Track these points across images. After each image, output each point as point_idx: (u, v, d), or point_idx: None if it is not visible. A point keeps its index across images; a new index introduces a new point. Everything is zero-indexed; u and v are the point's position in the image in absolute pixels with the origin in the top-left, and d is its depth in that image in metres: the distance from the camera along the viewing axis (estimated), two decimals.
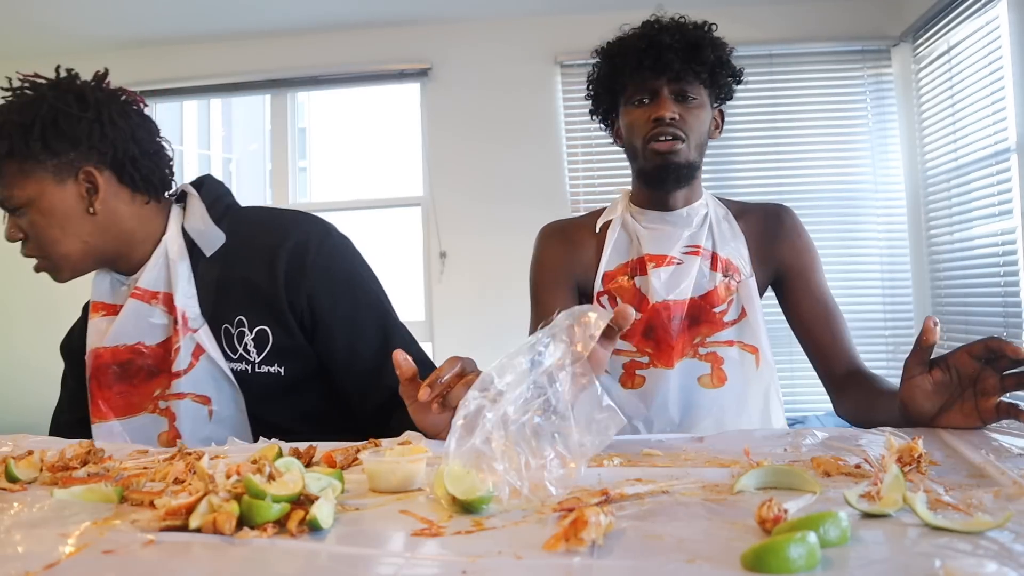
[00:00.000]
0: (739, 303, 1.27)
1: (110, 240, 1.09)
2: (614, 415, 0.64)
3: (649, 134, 1.22)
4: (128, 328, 1.10)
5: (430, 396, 0.82)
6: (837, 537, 0.47)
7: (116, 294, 1.13)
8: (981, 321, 3.01)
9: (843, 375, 1.23)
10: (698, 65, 1.20)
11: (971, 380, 0.85)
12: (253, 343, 1.09)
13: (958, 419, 0.86)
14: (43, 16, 3.45)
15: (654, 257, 1.27)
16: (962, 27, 3.01)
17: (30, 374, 3.79)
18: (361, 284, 1.15)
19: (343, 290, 1.12)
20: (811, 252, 1.32)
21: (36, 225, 1.05)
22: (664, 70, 1.20)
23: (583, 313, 0.67)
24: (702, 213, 1.30)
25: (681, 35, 1.21)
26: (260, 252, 1.10)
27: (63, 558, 0.49)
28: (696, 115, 1.23)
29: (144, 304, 1.09)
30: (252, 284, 1.09)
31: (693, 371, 1.25)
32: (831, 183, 3.59)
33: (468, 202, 3.68)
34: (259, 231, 1.13)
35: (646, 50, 1.21)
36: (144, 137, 1.11)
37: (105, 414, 1.09)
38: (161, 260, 1.10)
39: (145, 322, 1.10)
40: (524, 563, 0.46)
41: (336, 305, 1.11)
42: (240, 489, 0.54)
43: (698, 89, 1.23)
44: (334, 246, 1.13)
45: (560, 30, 3.63)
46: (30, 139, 1.02)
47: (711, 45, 1.22)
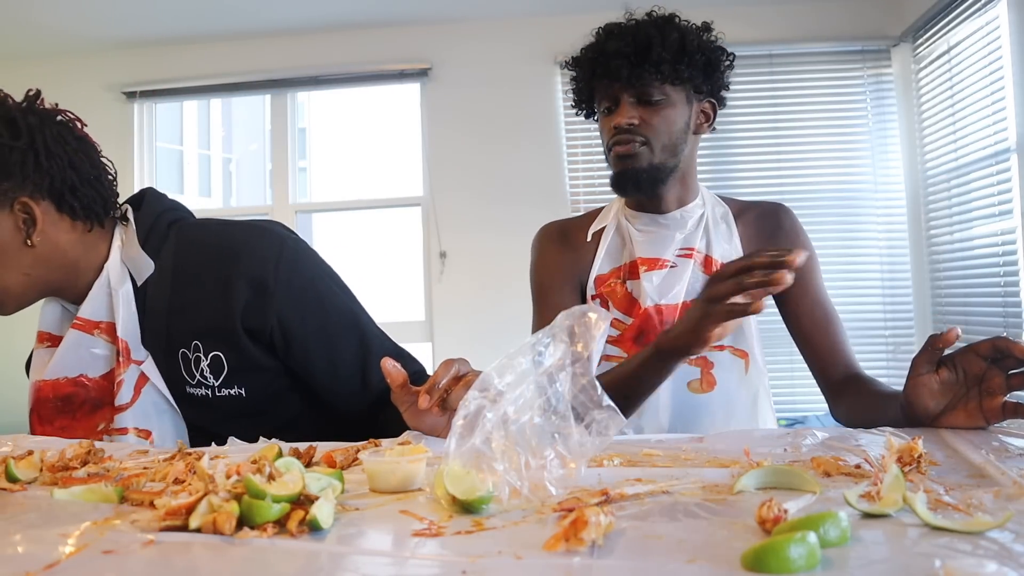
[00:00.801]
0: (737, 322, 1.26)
1: (53, 271, 1.03)
2: (614, 415, 0.64)
3: (610, 141, 1.22)
4: (69, 360, 1.05)
5: (429, 403, 0.82)
6: (837, 537, 0.47)
7: (64, 324, 1.09)
8: (981, 321, 3.01)
9: (840, 379, 1.22)
10: (651, 66, 1.17)
11: (977, 380, 0.85)
12: (209, 368, 1.05)
13: (962, 419, 0.85)
14: (43, 16, 3.46)
15: (646, 261, 1.26)
16: (962, 27, 3.01)
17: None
18: (327, 292, 1.11)
19: (310, 301, 1.08)
20: (809, 254, 1.31)
21: None
22: (616, 77, 1.18)
23: (583, 313, 0.67)
24: (697, 214, 1.29)
25: (632, 37, 1.18)
26: (212, 279, 1.05)
27: (63, 558, 0.49)
28: (663, 116, 1.20)
29: (86, 335, 1.05)
30: (204, 311, 1.05)
31: (683, 376, 1.23)
32: (831, 183, 3.59)
33: (468, 202, 3.68)
34: (209, 256, 1.07)
35: (596, 59, 1.21)
36: (83, 162, 1.04)
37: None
38: (104, 288, 1.05)
39: (87, 353, 1.05)
40: (524, 563, 0.46)
41: (306, 318, 1.07)
42: (240, 489, 0.54)
43: (662, 88, 1.20)
44: (292, 260, 1.07)
45: (560, 30, 3.63)
46: None
47: (663, 42, 1.17)
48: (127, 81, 3.83)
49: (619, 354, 1.25)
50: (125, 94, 3.82)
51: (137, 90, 3.83)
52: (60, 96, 3.71)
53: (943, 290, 3.32)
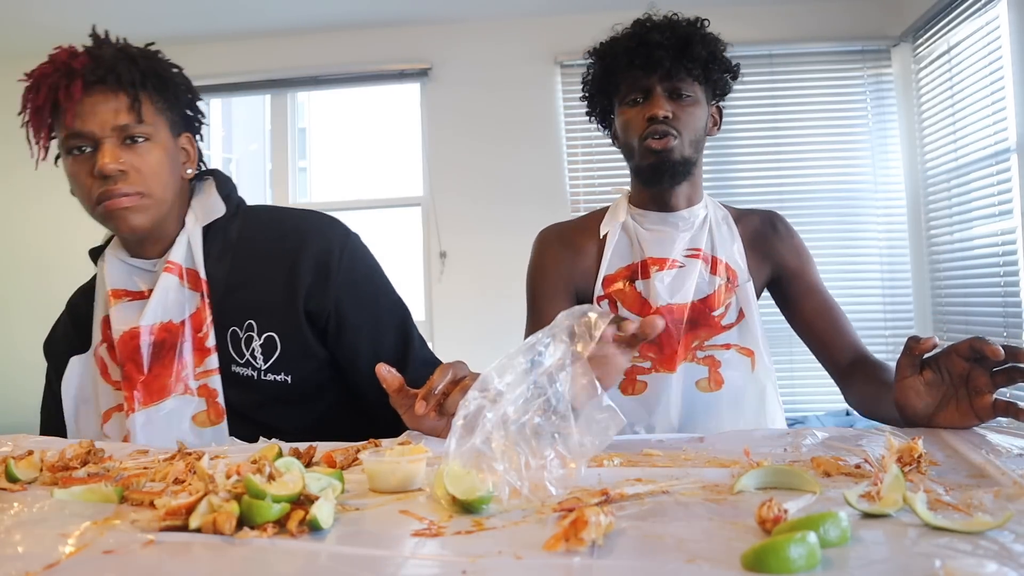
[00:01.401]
0: (736, 306, 1.27)
1: (175, 205, 1.09)
2: (614, 415, 0.64)
3: (644, 132, 1.22)
4: (164, 304, 1.06)
5: (426, 409, 0.83)
6: (837, 537, 0.47)
7: (137, 280, 1.10)
8: (981, 321, 3.01)
9: (848, 364, 1.23)
10: (690, 62, 1.20)
11: (962, 379, 0.86)
12: (260, 349, 1.07)
13: (955, 418, 0.86)
14: (43, 16, 3.45)
15: (656, 260, 1.27)
16: (962, 27, 3.01)
17: (30, 374, 3.80)
18: (382, 286, 1.16)
19: (367, 291, 1.13)
20: (805, 254, 1.33)
21: (151, 160, 1.03)
22: (655, 68, 1.20)
23: (583, 313, 0.67)
24: (702, 215, 1.30)
25: (672, 32, 1.21)
26: (277, 258, 1.09)
27: (63, 558, 0.49)
28: (690, 112, 1.23)
29: (175, 279, 1.07)
30: (266, 290, 1.08)
31: (692, 375, 1.25)
32: (831, 183, 3.59)
33: (468, 202, 3.68)
34: (277, 236, 1.12)
35: (636, 49, 1.21)
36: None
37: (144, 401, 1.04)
38: (186, 238, 1.09)
39: (178, 296, 1.07)
40: (524, 563, 0.46)
41: (361, 307, 1.11)
42: (240, 489, 0.54)
43: (692, 86, 1.23)
44: (355, 249, 1.13)
45: (560, 30, 3.63)
46: (168, 83, 1.07)
47: (702, 41, 1.21)
48: None
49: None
50: None
51: None
52: None
53: (943, 290, 3.32)
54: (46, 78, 1.01)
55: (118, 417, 1.06)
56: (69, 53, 1.02)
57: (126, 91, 1.01)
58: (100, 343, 1.09)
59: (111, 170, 0.99)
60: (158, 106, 1.06)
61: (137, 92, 1.02)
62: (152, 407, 1.04)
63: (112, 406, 1.07)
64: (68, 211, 4.38)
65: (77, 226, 3.82)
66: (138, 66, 1.03)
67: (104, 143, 1.00)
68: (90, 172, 1.01)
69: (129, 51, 1.05)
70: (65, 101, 0.99)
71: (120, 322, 1.06)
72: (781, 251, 1.32)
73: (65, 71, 1.00)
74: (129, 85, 1.01)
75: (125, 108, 1.01)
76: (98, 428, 1.08)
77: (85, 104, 1.00)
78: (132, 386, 1.04)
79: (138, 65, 1.03)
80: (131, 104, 1.01)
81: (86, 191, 1.02)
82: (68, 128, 1.00)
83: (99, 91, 1.00)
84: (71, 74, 1.00)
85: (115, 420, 1.07)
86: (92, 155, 1.01)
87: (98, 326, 1.10)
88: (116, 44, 1.06)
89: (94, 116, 1.00)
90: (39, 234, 3.86)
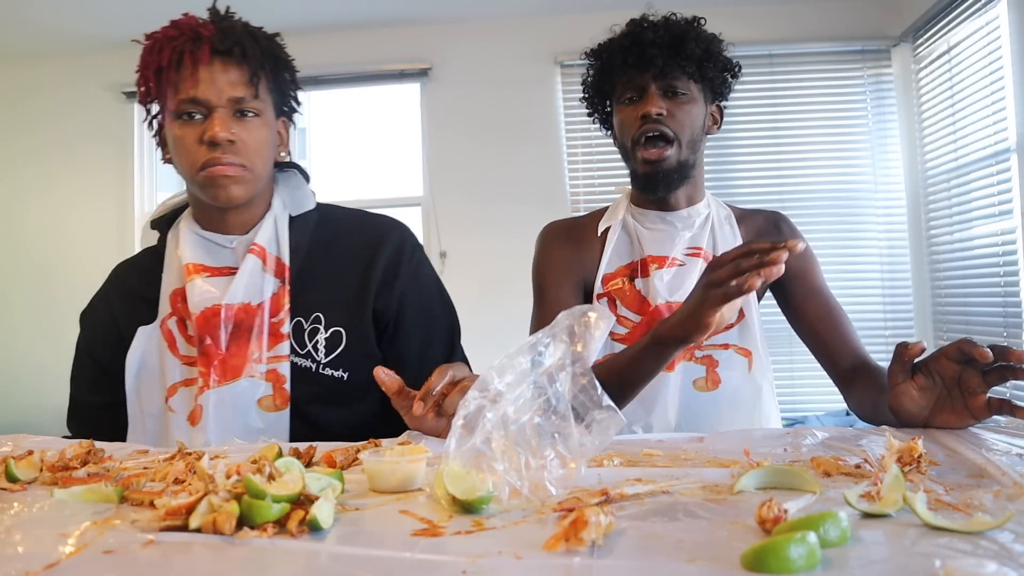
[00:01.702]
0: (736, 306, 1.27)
1: (264, 188, 1.11)
2: (614, 415, 0.64)
3: (638, 132, 1.22)
4: (248, 285, 1.08)
5: (424, 410, 0.83)
6: (837, 537, 0.47)
7: (215, 255, 1.10)
8: (981, 321, 3.01)
9: (850, 369, 1.23)
10: (683, 59, 1.20)
11: (955, 381, 0.86)
12: (325, 342, 1.08)
13: (951, 419, 0.87)
14: (43, 16, 3.46)
15: (656, 258, 1.27)
16: (962, 27, 3.01)
17: (31, 373, 3.80)
18: (440, 294, 1.20)
19: (426, 295, 1.17)
20: (810, 254, 1.32)
21: (258, 136, 1.06)
22: (648, 66, 1.20)
23: (583, 313, 0.67)
24: (704, 214, 1.30)
25: (666, 30, 1.21)
26: (355, 252, 1.13)
27: (63, 558, 0.49)
28: (686, 111, 1.22)
29: (259, 261, 1.09)
30: (339, 286, 1.11)
31: (689, 374, 1.25)
32: (831, 183, 3.59)
33: (468, 202, 3.68)
34: (353, 230, 1.16)
35: (630, 48, 1.21)
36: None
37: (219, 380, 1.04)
38: (272, 221, 1.12)
39: (260, 280, 1.09)
40: (524, 563, 0.46)
41: (417, 315, 1.14)
42: (240, 489, 0.54)
43: (687, 84, 1.23)
44: (422, 255, 1.18)
45: (560, 30, 3.63)
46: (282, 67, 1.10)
47: (696, 38, 1.21)
48: (127, 81, 3.82)
49: None
50: (125, 94, 3.82)
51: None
52: (60, 96, 3.75)
53: (943, 290, 3.32)
54: (171, 40, 1.02)
55: (184, 392, 1.06)
56: (196, 20, 1.04)
57: (248, 65, 1.03)
58: (169, 315, 1.08)
59: (222, 138, 1.01)
60: (270, 86, 1.08)
61: (257, 69, 1.04)
62: (225, 386, 1.04)
63: (178, 380, 1.07)
64: (68, 210, 4.37)
65: (77, 225, 3.83)
66: (260, 44, 1.06)
67: (217, 111, 1.02)
68: (198, 138, 1.02)
69: (252, 29, 1.08)
70: (190, 65, 1.01)
71: (200, 298, 1.06)
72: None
73: (192, 35, 1.02)
74: (252, 60, 1.04)
75: (244, 82, 1.03)
76: (162, 401, 1.07)
77: (207, 71, 1.01)
78: (209, 363, 1.04)
79: (260, 44, 1.06)
80: (250, 79, 1.04)
81: (191, 156, 1.04)
82: (185, 92, 1.02)
83: (222, 61, 1.02)
84: (198, 39, 1.01)
85: (181, 394, 1.06)
86: (202, 122, 1.03)
87: (167, 298, 1.09)
88: (240, 21, 1.08)
89: (212, 84, 1.02)
90: (39, 233, 3.87)
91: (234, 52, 1.02)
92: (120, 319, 1.13)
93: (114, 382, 1.10)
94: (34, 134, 3.88)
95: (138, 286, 1.15)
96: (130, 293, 1.15)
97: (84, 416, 1.15)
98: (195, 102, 1.02)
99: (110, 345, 1.12)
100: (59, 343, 3.78)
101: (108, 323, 1.14)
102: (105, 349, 1.13)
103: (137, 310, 1.12)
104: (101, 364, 1.13)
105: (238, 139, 1.03)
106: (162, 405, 1.07)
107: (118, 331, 1.12)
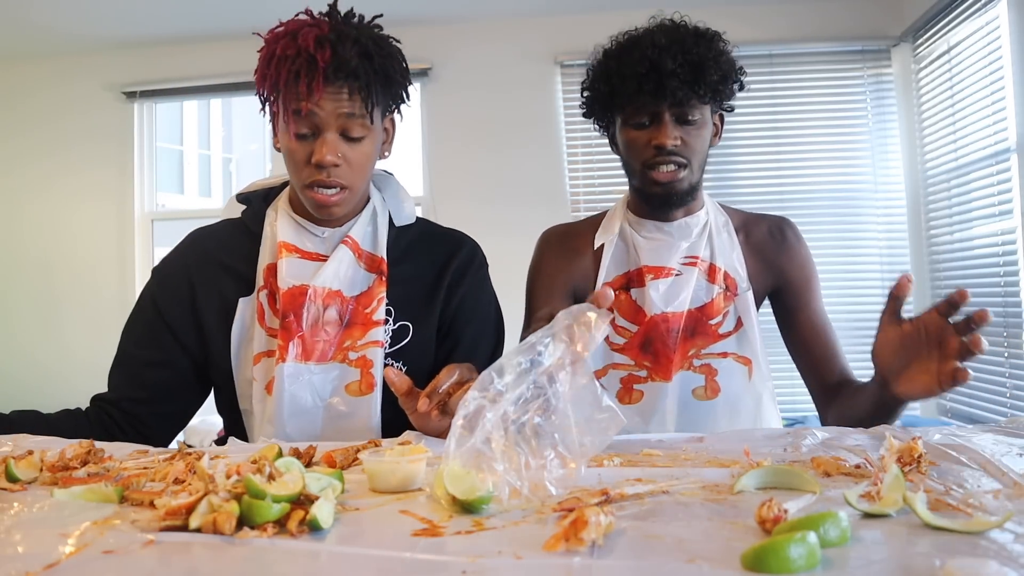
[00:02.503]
0: (735, 314, 1.26)
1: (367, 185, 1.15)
2: (614, 415, 0.64)
3: (651, 160, 1.19)
4: (337, 273, 1.12)
5: (429, 407, 0.84)
6: (837, 537, 0.47)
7: (306, 240, 1.14)
8: None
9: (835, 385, 1.24)
10: (701, 88, 1.16)
11: (936, 339, 0.89)
12: (391, 335, 1.13)
13: (919, 380, 0.90)
14: (43, 16, 3.45)
15: (652, 268, 1.26)
16: (962, 27, 3.01)
17: (32, 372, 3.80)
18: (496, 311, 1.25)
19: (484, 308, 1.22)
20: (811, 267, 1.32)
21: (364, 153, 1.09)
22: (666, 96, 1.16)
23: (583, 313, 0.67)
24: (702, 223, 1.28)
25: (684, 57, 1.15)
26: (432, 256, 1.20)
27: (63, 558, 0.49)
28: (697, 135, 1.20)
29: (352, 254, 1.13)
30: (414, 282, 1.16)
31: (688, 383, 1.24)
32: (831, 183, 3.59)
33: (468, 202, 3.68)
34: (434, 236, 1.23)
35: (647, 75, 1.15)
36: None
37: (298, 355, 1.09)
38: (368, 219, 1.17)
39: (352, 271, 1.13)
40: (524, 563, 0.46)
41: (474, 320, 1.20)
42: (240, 489, 0.54)
43: (700, 109, 1.20)
44: (486, 267, 1.25)
45: (560, 30, 3.63)
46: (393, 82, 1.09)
47: (715, 64, 1.17)
48: (127, 81, 3.83)
49: (626, 361, 1.26)
50: (125, 94, 3.82)
51: (137, 90, 3.82)
52: (60, 96, 3.76)
53: (943, 290, 3.32)
54: (287, 61, 1.03)
55: (266, 362, 1.11)
56: (315, 40, 1.02)
57: (360, 95, 1.04)
58: (262, 288, 1.13)
59: (329, 162, 1.04)
60: (380, 102, 1.08)
61: (368, 96, 1.05)
62: (305, 364, 1.09)
63: (263, 350, 1.11)
64: (69, 210, 4.37)
65: (78, 225, 3.83)
66: (373, 65, 1.05)
67: (326, 134, 1.05)
68: (307, 158, 1.06)
69: (367, 49, 1.05)
70: (304, 95, 1.02)
71: (289, 275, 1.11)
72: (786, 261, 1.30)
73: (307, 60, 1.02)
74: (364, 89, 1.04)
75: (355, 109, 1.05)
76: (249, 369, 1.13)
77: (319, 95, 1.03)
78: (288, 337, 1.08)
79: (373, 64, 1.05)
80: (361, 106, 1.05)
81: (299, 171, 1.08)
82: (298, 112, 1.04)
83: (335, 86, 1.03)
84: (312, 66, 1.01)
85: (263, 364, 1.11)
86: (311, 142, 1.06)
87: (261, 272, 1.14)
88: (355, 36, 1.05)
89: (323, 108, 1.04)
90: (39, 233, 3.87)
91: (348, 80, 1.03)
92: (195, 278, 1.17)
93: (171, 339, 1.15)
94: (34, 134, 3.88)
95: (215, 252, 1.19)
96: (206, 257, 1.19)
97: (127, 369, 1.17)
98: (305, 122, 1.05)
99: (182, 302, 1.16)
100: (60, 342, 3.81)
101: (181, 280, 1.17)
102: (176, 305, 1.16)
103: (212, 272, 1.17)
104: (164, 317, 1.16)
105: (344, 161, 1.06)
106: (250, 372, 1.12)
107: (192, 291, 1.16)
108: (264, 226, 1.17)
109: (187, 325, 1.15)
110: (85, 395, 1.20)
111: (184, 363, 1.16)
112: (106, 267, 3.79)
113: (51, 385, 3.62)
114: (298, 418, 1.08)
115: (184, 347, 1.15)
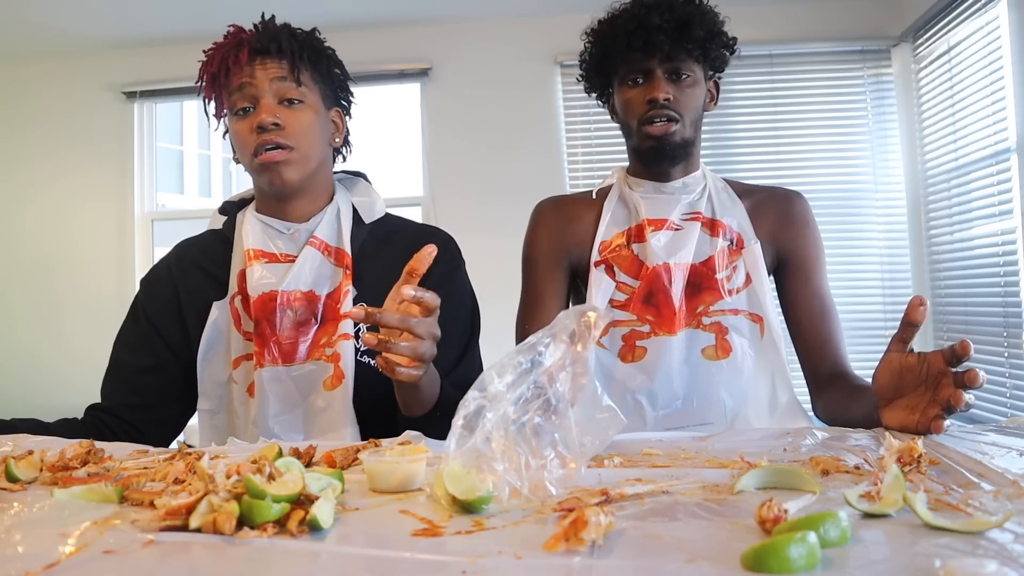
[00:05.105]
0: (743, 270, 1.24)
1: (319, 173, 1.19)
2: (614, 415, 0.64)
3: (644, 116, 1.22)
4: (305, 274, 1.15)
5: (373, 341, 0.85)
6: (837, 537, 0.47)
7: (273, 242, 1.18)
8: (981, 321, 3.01)
9: (828, 375, 1.22)
10: (689, 43, 1.20)
11: (934, 382, 0.85)
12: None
13: (902, 411, 0.86)
14: (43, 16, 3.45)
15: (653, 221, 1.26)
16: (962, 27, 3.01)
17: (32, 372, 3.80)
18: (468, 297, 1.25)
19: (454, 295, 1.19)
20: (817, 245, 1.29)
21: (303, 119, 1.14)
22: (655, 50, 1.20)
23: (583, 313, 0.67)
24: (701, 184, 1.30)
25: (671, 13, 1.20)
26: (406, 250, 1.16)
27: (63, 558, 0.49)
28: (690, 92, 1.23)
29: (319, 253, 1.17)
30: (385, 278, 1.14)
31: (697, 342, 1.22)
32: (831, 183, 3.59)
33: (468, 202, 3.68)
34: (407, 233, 1.25)
35: (635, 31, 1.20)
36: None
37: (274, 359, 1.12)
38: (334, 217, 1.20)
39: (320, 270, 1.16)
40: (524, 563, 0.46)
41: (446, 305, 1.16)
42: (240, 489, 0.54)
43: (691, 66, 1.23)
44: (461, 263, 1.26)
45: (560, 30, 3.63)
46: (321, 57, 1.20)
47: (701, 21, 1.21)
48: (127, 81, 3.83)
49: (628, 317, 1.24)
50: (125, 94, 3.82)
51: (137, 90, 3.82)
52: (60, 96, 3.76)
53: (943, 290, 3.32)
54: (219, 49, 1.15)
55: (246, 365, 1.15)
56: (239, 28, 1.16)
57: (286, 58, 1.13)
58: (235, 294, 1.16)
59: (267, 122, 1.10)
60: (313, 75, 1.17)
61: (295, 60, 1.14)
62: (284, 367, 1.12)
63: (241, 354, 1.15)
64: (69, 210, 4.38)
65: (78, 225, 3.83)
66: (297, 39, 1.16)
67: (263, 101, 1.12)
68: (251, 128, 1.12)
69: (290, 27, 1.19)
70: (234, 65, 1.12)
71: (257, 282, 1.14)
72: (791, 234, 1.28)
73: (235, 42, 1.14)
74: (289, 53, 1.14)
75: (285, 72, 1.13)
76: (228, 371, 1.16)
77: (250, 68, 1.12)
78: (264, 343, 1.12)
79: (297, 38, 1.16)
80: (290, 70, 1.13)
81: (245, 145, 1.13)
82: (233, 88, 1.13)
83: (263, 57, 1.13)
84: (240, 43, 1.13)
85: (243, 368, 1.15)
86: (254, 115, 1.12)
87: (235, 278, 1.17)
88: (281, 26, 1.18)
89: (256, 78, 1.12)
90: (40, 233, 3.87)
91: (271, 48, 1.13)
92: (179, 284, 1.21)
93: (161, 344, 1.19)
94: (34, 134, 3.88)
95: (199, 259, 1.23)
96: (192, 264, 1.23)
97: (121, 377, 1.20)
98: (243, 96, 1.12)
99: (168, 308, 1.20)
100: (60, 342, 3.81)
101: (167, 287, 1.22)
102: (163, 311, 1.20)
103: (195, 279, 1.21)
104: (153, 323, 1.20)
105: (284, 122, 1.11)
106: (228, 374, 1.16)
107: (177, 297, 1.20)
108: (235, 232, 1.21)
109: (174, 330, 1.19)
110: (85, 395, 1.20)
111: (175, 368, 1.19)
112: (106, 267, 3.79)
113: (52, 385, 3.62)
114: (281, 418, 1.11)
115: (174, 352, 1.19)
